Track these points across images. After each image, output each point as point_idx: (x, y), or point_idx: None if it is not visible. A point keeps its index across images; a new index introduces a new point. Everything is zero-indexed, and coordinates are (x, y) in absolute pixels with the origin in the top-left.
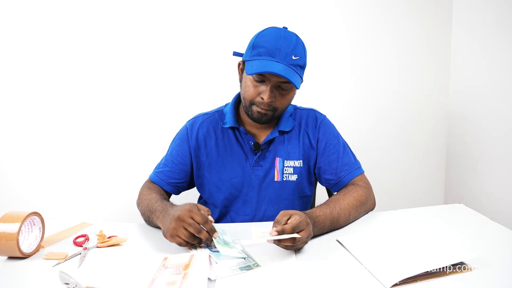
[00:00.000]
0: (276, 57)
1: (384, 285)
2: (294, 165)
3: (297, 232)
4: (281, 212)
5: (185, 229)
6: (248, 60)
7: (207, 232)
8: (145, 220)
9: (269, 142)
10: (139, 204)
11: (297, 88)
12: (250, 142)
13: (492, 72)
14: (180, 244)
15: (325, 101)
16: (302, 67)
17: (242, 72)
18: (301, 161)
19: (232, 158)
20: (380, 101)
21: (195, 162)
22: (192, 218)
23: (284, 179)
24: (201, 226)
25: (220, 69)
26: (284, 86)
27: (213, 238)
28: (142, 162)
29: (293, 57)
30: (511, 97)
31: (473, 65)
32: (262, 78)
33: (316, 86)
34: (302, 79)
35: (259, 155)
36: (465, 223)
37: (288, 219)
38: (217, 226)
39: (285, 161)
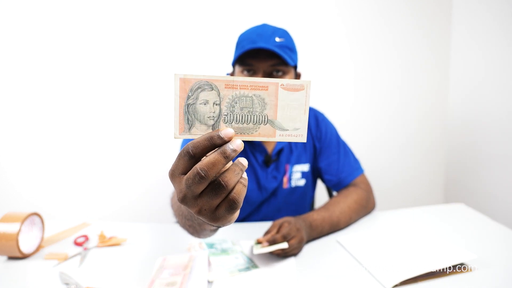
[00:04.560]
0: (259, 42)
1: (385, 286)
2: (302, 170)
3: (288, 240)
4: (273, 223)
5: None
6: (234, 59)
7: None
8: (184, 228)
9: (278, 152)
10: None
11: (290, 65)
12: (263, 153)
13: (492, 72)
14: (188, 181)
15: (326, 100)
16: (290, 49)
17: None
18: (308, 164)
19: (248, 171)
20: (380, 101)
21: None
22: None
23: (293, 185)
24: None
25: (223, 69)
26: (276, 69)
27: (209, 252)
28: (142, 162)
29: (277, 39)
30: (510, 97)
31: (473, 66)
32: (249, 67)
33: (318, 87)
34: (295, 62)
35: (273, 168)
36: (465, 223)
37: (279, 229)
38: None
39: (294, 166)
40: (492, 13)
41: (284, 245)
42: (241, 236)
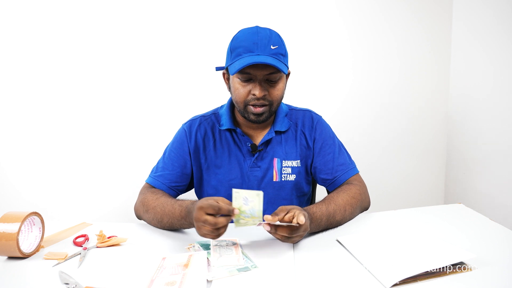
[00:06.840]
0: (256, 51)
1: (384, 285)
2: (292, 165)
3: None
4: (279, 208)
5: (206, 213)
6: (230, 64)
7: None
8: (161, 226)
9: (266, 142)
10: (146, 211)
11: (285, 73)
12: (248, 143)
13: (492, 73)
14: (205, 233)
15: (326, 101)
16: (283, 55)
17: (228, 81)
18: (298, 161)
19: (230, 160)
20: (381, 102)
21: (194, 165)
22: (209, 204)
23: (283, 179)
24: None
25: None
26: (272, 78)
27: (208, 252)
28: (142, 162)
29: (272, 47)
30: (510, 98)
31: (473, 66)
32: (248, 76)
33: (318, 86)
34: (287, 67)
35: (256, 156)
36: (465, 223)
37: (285, 214)
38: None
39: (283, 161)
40: (492, 9)
41: (292, 224)
42: (241, 236)
